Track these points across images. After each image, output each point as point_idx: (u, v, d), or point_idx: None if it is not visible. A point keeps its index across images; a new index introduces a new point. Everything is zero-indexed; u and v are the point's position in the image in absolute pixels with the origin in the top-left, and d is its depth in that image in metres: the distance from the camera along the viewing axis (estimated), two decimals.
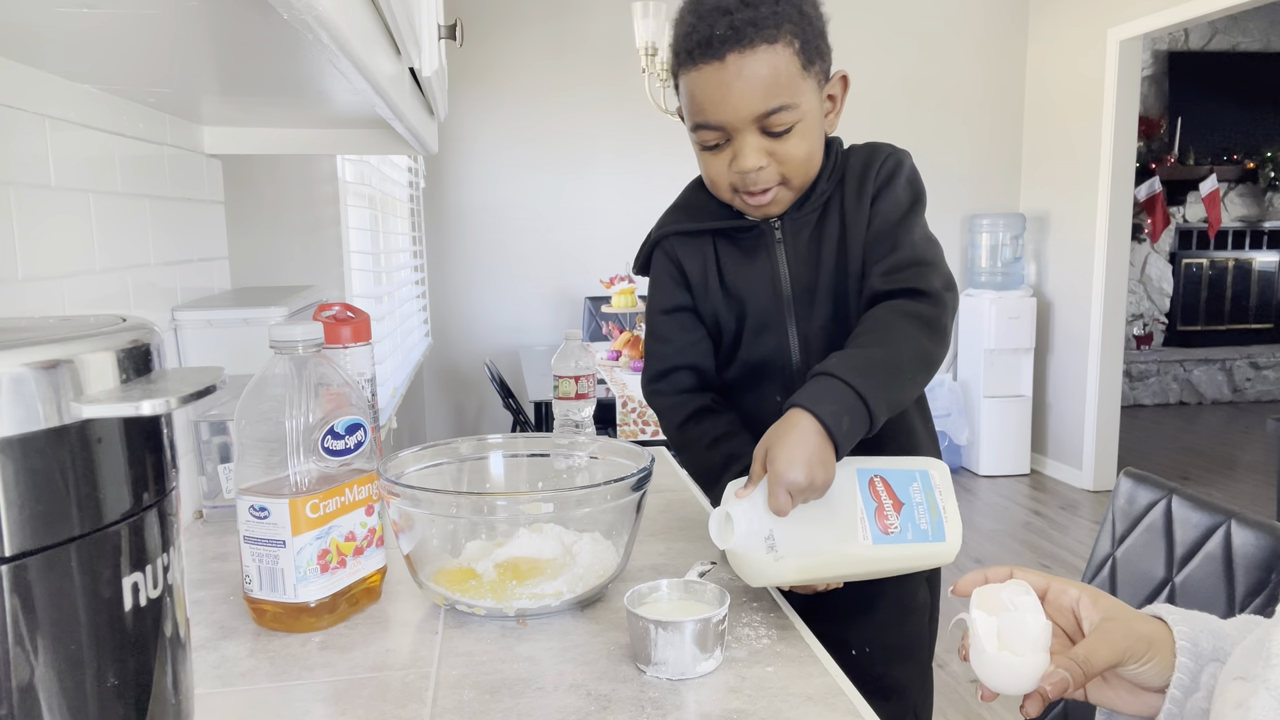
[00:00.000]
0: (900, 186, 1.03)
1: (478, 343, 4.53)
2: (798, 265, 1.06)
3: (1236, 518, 0.99)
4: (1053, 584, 0.70)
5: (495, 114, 4.39)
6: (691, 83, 0.95)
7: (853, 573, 0.91)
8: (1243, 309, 6.48)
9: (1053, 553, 3.52)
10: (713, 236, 1.10)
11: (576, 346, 1.46)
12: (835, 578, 0.93)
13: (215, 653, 0.82)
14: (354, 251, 2.67)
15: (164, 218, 1.21)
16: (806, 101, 0.95)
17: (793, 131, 0.95)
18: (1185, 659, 0.62)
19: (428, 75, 1.12)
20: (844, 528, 0.87)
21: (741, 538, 0.86)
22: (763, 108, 0.93)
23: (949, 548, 0.92)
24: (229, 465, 1.19)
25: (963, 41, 4.70)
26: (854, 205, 1.03)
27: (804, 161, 0.98)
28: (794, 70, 0.93)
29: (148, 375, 0.45)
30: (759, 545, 0.86)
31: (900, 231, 1.00)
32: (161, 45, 0.79)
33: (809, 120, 0.96)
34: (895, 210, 1.02)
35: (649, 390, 1.14)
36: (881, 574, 0.93)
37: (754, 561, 0.87)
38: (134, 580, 0.43)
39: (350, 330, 1.19)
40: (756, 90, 0.92)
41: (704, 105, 0.95)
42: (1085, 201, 4.31)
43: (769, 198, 1.00)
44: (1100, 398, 4.29)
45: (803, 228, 1.06)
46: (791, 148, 0.96)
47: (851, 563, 0.88)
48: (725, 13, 0.91)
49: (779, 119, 0.94)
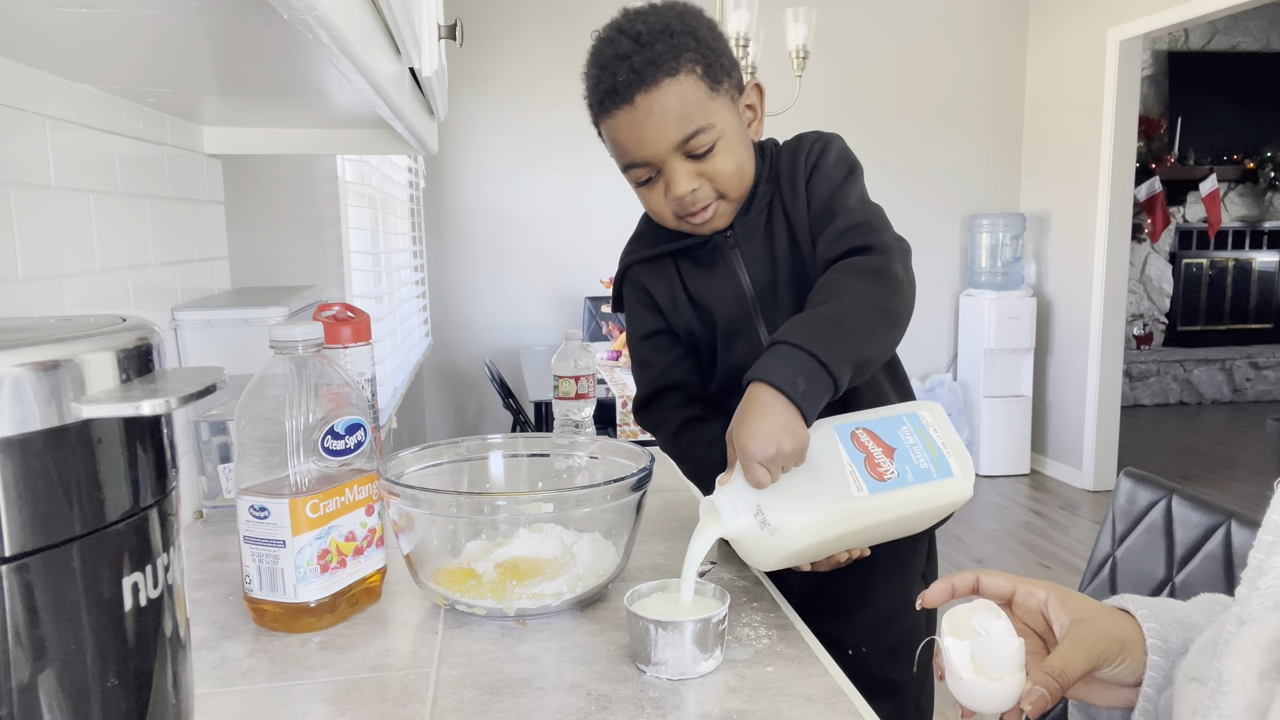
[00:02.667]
0: (830, 164, 1.06)
1: (478, 343, 4.53)
2: (755, 267, 1.09)
3: (1236, 518, 0.99)
4: (1019, 586, 0.70)
5: (495, 114, 4.39)
6: (610, 129, 1.00)
7: (865, 528, 0.90)
8: (1243, 309, 6.48)
9: (1053, 553, 3.52)
10: (673, 258, 1.13)
11: (576, 346, 1.46)
12: (849, 540, 0.92)
13: (215, 653, 0.82)
14: (354, 251, 2.67)
15: (164, 218, 1.21)
16: (722, 119, 0.98)
17: (715, 149, 0.98)
18: (1156, 657, 0.63)
19: (428, 75, 1.12)
20: (834, 485, 0.87)
21: (730, 522, 0.86)
22: (679, 135, 0.96)
23: (960, 483, 0.92)
24: (229, 465, 1.19)
25: (963, 42, 4.70)
26: (791, 196, 1.06)
27: (734, 174, 1.01)
28: (701, 94, 0.96)
29: (148, 375, 0.45)
30: (751, 525, 0.85)
31: (835, 203, 1.03)
32: (161, 45, 0.79)
33: (729, 135, 0.99)
34: (829, 184, 1.04)
35: (639, 415, 1.17)
36: (900, 526, 0.92)
37: (753, 542, 0.87)
38: (134, 580, 0.43)
39: (350, 330, 1.19)
40: (669, 121, 0.95)
41: (627, 146, 0.99)
42: (1085, 201, 4.31)
43: (710, 214, 1.03)
44: (1100, 398, 4.29)
45: (753, 231, 1.09)
46: (718, 164, 0.99)
47: (856, 518, 0.88)
48: (624, 58, 0.95)
49: (698, 141, 0.97)
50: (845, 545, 0.93)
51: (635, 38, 0.95)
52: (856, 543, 0.93)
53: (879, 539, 0.94)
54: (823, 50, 4.18)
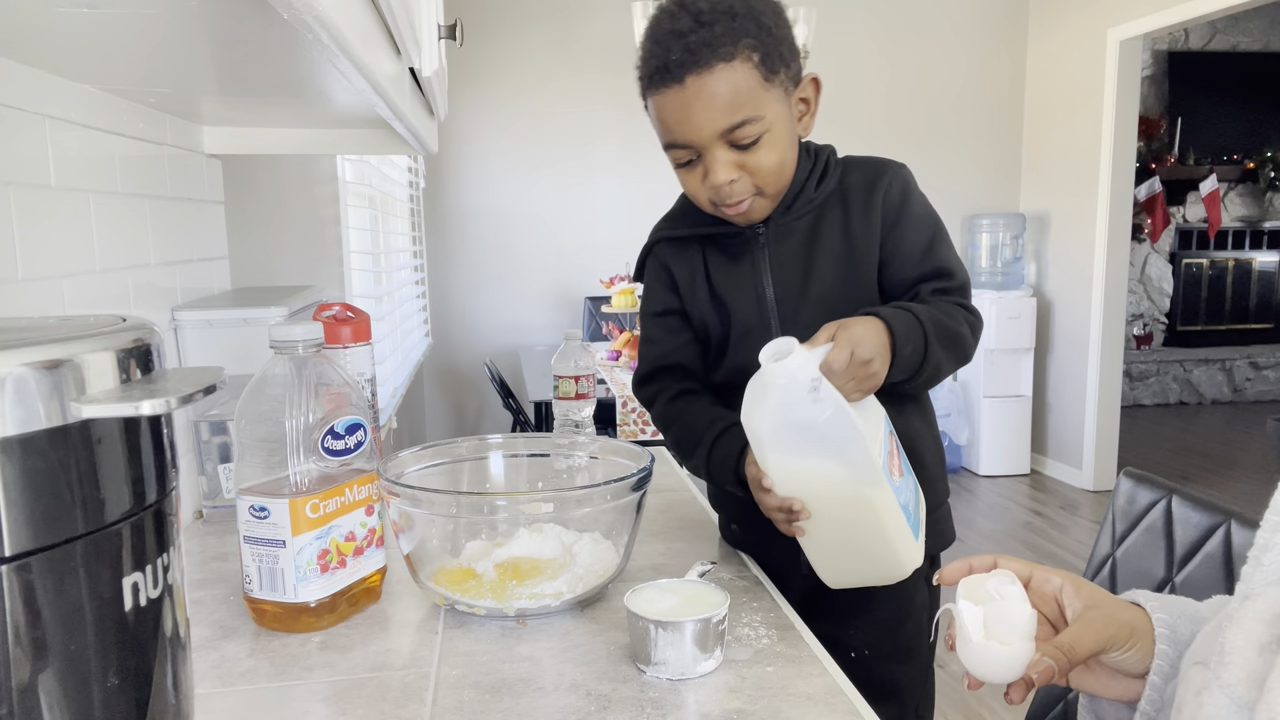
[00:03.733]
0: (920, 205, 1.08)
1: (478, 343, 4.53)
2: (782, 270, 1.07)
3: (1236, 518, 0.99)
4: (1035, 572, 0.71)
5: (495, 114, 4.39)
6: (657, 106, 0.98)
7: (848, 497, 0.88)
8: (1243, 309, 6.48)
9: (1053, 553, 3.52)
10: (701, 243, 1.12)
11: (576, 346, 1.46)
12: (835, 492, 0.89)
13: (215, 653, 0.82)
14: (354, 251, 2.67)
15: (164, 218, 1.21)
16: (772, 111, 0.96)
17: (760, 143, 0.96)
18: (1164, 646, 0.63)
19: (428, 75, 1.12)
20: (870, 441, 0.86)
21: (791, 370, 0.85)
22: (725, 124, 0.94)
23: (915, 550, 0.93)
24: (229, 465, 1.19)
25: (963, 41, 4.69)
26: (861, 223, 1.06)
27: (775, 170, 0.99)
28: (754, 83, 0.94)
29: (148, 375, 0.45)
30: (804, 386, 0.84)
31: (939, 257, 1.06)
32: (161, 45, 0.79)
33: (776, 130, 0.97)
34: (926, 229, 1.07)
35: (637, 389, 1.17)
36: (864, 529, 0.90)
37: (793, 397, 0.85)
38: (134, 580, 0.43)
39: (350, 330, 1.19)
40: (717, 108, 0.94)
41: (670, 126, 0.98)
42: (1085, 201, 4.31)
43: (746, 206, 1.01)
44: (1100, 398, 4.29)
45: (789, 234, 1.07)
46: (761, 158, 0.97)
47: (858, 482, 0.86)
48: (680, 35, 0.93)
49: (744, 132, 0.95)
50: (828, 486, 0.89)
51: (696, 15, 0.93)
52: (834, 495, 0.89)
53: (840, 518, 0.92)
54: (823, 50, 4.18)
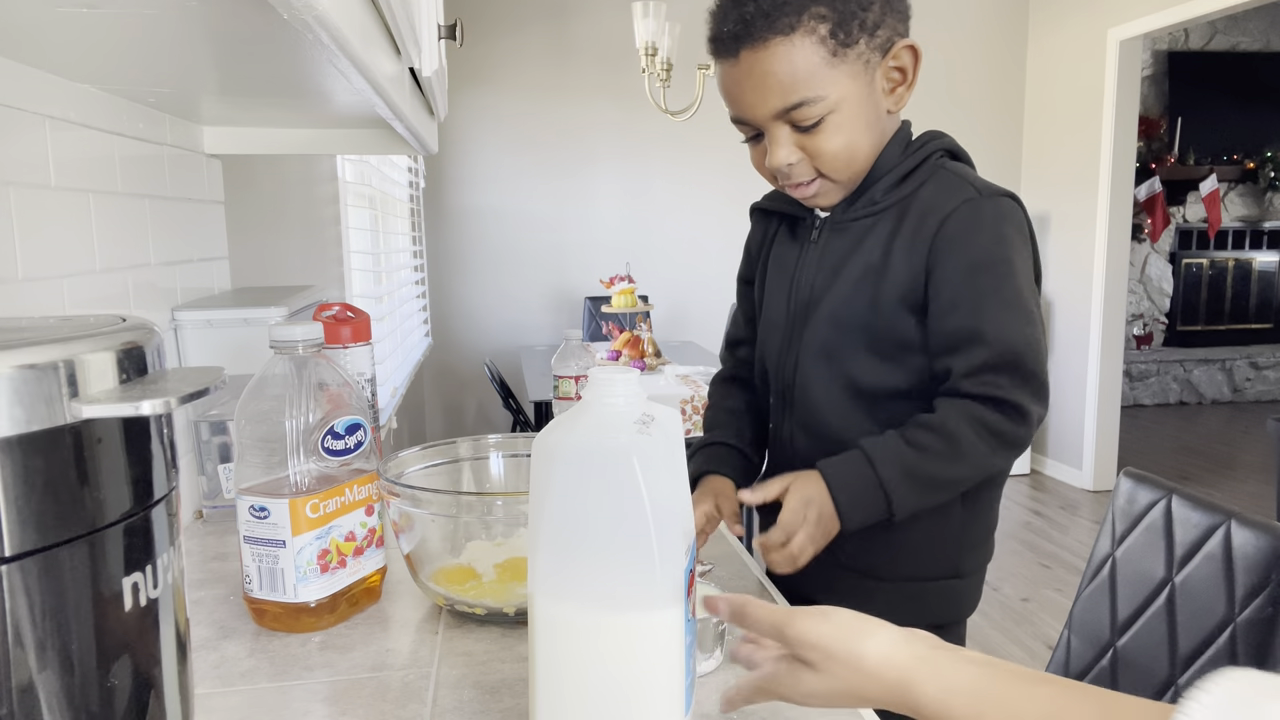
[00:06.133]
0: (974, 256, 0.87)
1: (478, 343, 4.53)
2: (818, 272, 0.98)
3: (1236, 518, 0.99)
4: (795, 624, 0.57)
5: (495, 114, 4.39)
6: (719, 76, 0.92)
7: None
8: (1243, 309, 6.48)
9: (1053, 553, 3.52)
10: (781, 220, 1.07)
11: (576, 346, 1.46)
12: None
13: (215, 653, 0.82)
14: (354, 251, 2.67)
15: (164, 218, 1.21)
16: (839, 90, 0.86)
17: (824, 124, 0.87)
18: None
19: (428, 75, 1.12)
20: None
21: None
22: (779, 104, 0.87)
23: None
24: (229, 465, 1.19)
25: (962, 41, 4.70)
26: (906, 246, 0.91)
27: (841, 154, 0.90)
28: (817, 60, 0.85)
29: (147, 375, 0.45)
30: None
31: (983, 320, 0.86)
32: (161, 45, 0.79)
33: (845, 110, 0.87)
34: (964, 285, 0.87)
35: (721, 354, 1.20)
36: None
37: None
38: (134, 580, 0.43)
39: (350, 330, 1.19)
40: (770, 88, 0.86)
41: (729, 101, 0.92)
42: (1085, 201, 4.31)
43: (813, 190, 0.94)
44: (1100, 398, 4.29)
45: (841, 233, 0.97)
46: (823, 141, 0.88)
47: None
48: (738, 3, 0.86)
49: (803, 114, 0.87)
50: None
51: None
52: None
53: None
54: None
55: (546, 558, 0.57)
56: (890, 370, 0.94)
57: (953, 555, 0.99)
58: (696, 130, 4.16)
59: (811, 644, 0.54)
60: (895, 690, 0.52)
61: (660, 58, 3.06)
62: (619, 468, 0.55)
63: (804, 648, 0.54)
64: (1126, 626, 1.10)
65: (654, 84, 3.18)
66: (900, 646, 0.53)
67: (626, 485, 0.55)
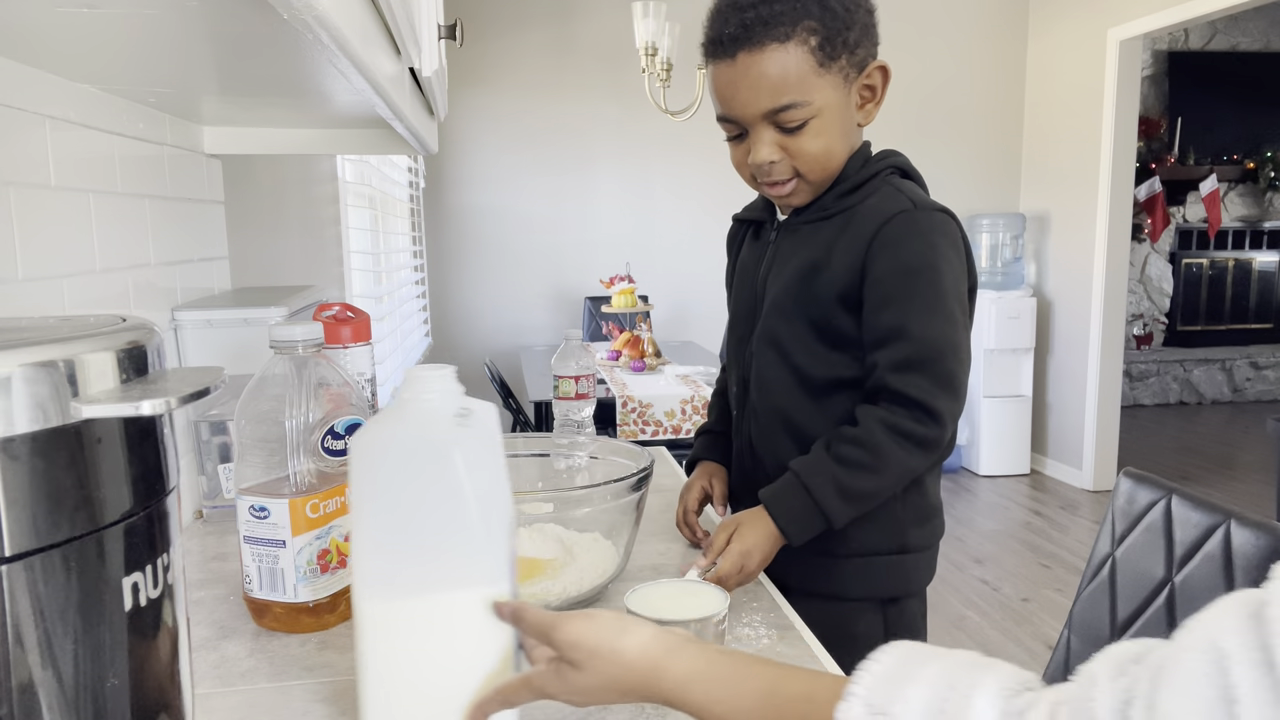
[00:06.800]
0: (904, 259, 0.95)
1: (478, 343, 4.53)
2: (768, 269, 1.09)
3: (1236, 518, 0.99)
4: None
5: (495, 114, 4.39)
6: (711, 76, 0.98)
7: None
8: (1243, 309, 6.48)
9: (1052, 553, 3.52)
10: (750, 225, 1.18)
11: (576, 346, 1.46)
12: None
13: (215, 653, 0.82)
14: (354, 251, 2.67)
15: (164, 218, 1.21)
16: (822, 97, 0.95)
17: (806, 127, 0.96)
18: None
19: (428, 75, 1.12)
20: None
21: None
22: (769, 105, 0.94)
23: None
24: (229, 465, 1.19)
25: (963, 41, 4.70)
26: (846, 248, 0.98)
27: (819, 157, 0.98)
28: (807, 67, 0.93)
29: (147, 375, 0.45)
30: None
31: (899, 315, 0.95)
32: (161, 45, 0.79)
33: (826, 116, 0.96)
34: (894, 285, 0.95)
35: (722, 352, 1.29)
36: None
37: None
38: (134, 580, 0.43)
39: (350, 330, 1.19)
40: (764, 89, 0.93)
41: (719, 100, 0.98)
42: (1085, 201, 4.31)
43: (788, 189, 1.01)
44: (1100, 398, 4.29)
45: (791, 235, 1.07)
46: (805, 143, 0.97)
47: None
48: (739, 9, 0.93)
49: (789, 116, 0.95)
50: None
51: None
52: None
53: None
54: None
55: (372, 555, 0.58)
56: (834, 361, 1.02)
57: (898, 532, 1.06)
58: (696, 130, 4.16)
59: (574, 643, 0.57)
60: (648, 679, 0.56)
61: (660, 58, 3.06)
62: (440, 460, 0.57)
63: (569, 648, 0.57)
64: (1126, 626, 1.10)
65: (654, 84, 3.19)
66: (655, 640, 0.57)
67: (449, 477, 0.57)
